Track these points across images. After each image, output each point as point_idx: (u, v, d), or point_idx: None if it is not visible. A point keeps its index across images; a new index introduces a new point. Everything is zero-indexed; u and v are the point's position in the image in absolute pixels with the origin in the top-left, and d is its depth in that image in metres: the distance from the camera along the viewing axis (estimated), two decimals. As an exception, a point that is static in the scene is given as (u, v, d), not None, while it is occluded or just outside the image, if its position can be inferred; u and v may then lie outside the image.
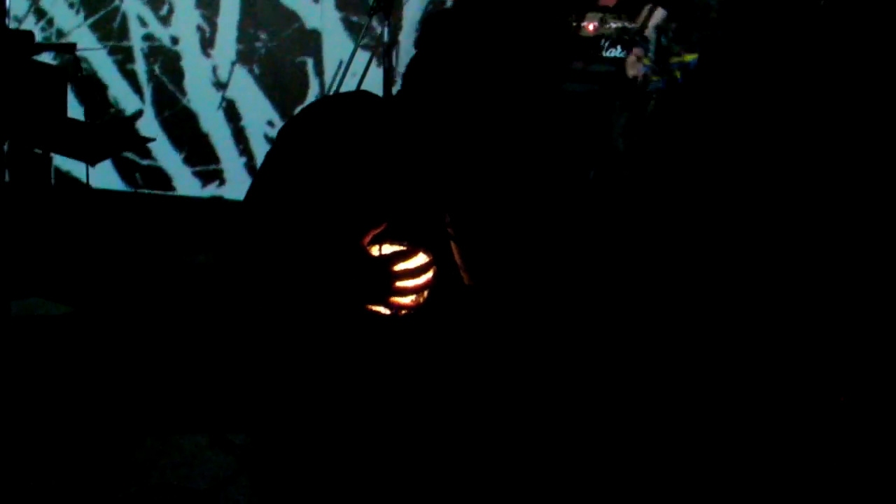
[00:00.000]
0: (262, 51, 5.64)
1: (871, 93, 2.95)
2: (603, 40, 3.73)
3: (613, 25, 3.68)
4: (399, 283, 2.28)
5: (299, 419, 2.84)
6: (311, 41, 5.57)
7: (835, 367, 2.83)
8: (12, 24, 5.41)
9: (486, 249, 2.58)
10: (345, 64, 4.89)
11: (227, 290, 2.55)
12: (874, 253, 2.90)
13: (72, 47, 4.34)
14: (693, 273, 3.08)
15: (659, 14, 3.53)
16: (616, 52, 3.93)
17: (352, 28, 5.34)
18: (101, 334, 3.63)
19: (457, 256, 2.55)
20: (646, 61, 3.47)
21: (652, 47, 3.46)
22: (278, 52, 5.62)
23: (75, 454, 2.79)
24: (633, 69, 3.54)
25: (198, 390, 3.18)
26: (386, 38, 4.07)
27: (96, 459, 2.78)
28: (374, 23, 4.16)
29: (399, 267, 2.28)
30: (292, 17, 5.58)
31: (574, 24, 3.82)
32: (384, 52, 4.06)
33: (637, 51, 3.57)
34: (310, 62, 5.62)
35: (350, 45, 5.36)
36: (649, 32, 3.53)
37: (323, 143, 2.36)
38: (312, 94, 5.64)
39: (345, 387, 2.56)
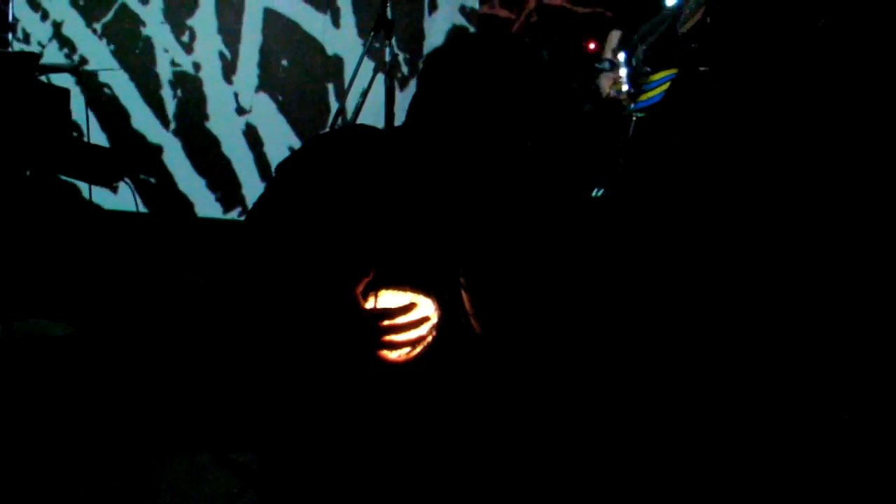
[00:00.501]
0: (284, 77, 5.66)
1: (867, 106, 2.91)
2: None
3: None
4: (389, 338, 2.22)
5: (302, 439, 2.81)
6: (332, 67, 5.60)
7: (835, 367, 2.78)
8: (35, 49, 5.48)
9: (499, 299, 2.54)
10: (363, 89, 4.92)
11: (220, 318, 2.54)
12: (874, 257, 2.86)
13: (76, 69, 4.36)
14: (698, 295, 3.04)
15: (614, 36, 3.53)
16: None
17: (372, 54, 5.36)
18: (104, 354, 3.62)
19: (468, 305, 2.50)
20: (617, 86, 3.45)
21: (624, 70, 3.44)
22: (300, 78, 5.65)
23: (77, 474, 2.77)
24: (610, 91, 3.51)
25: (199, 410, 3.16)
26: (387, 57, 4.06)
27: (98, 480, 2.76)
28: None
29: (391, 321, 2.21)
30: (313, 43, 5.60)
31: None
32: (386, 72, 4.05)
33: (606, 76, 3.55)
34: (331, 88, 5.64)
35: (370, 71, 5.40)
36: (611, 55, 3.52)
37: (313, 184, 2.28)
38: (331, 117, 5.64)
39: (345, 417, 2.55)
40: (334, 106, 5.63)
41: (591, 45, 3.92)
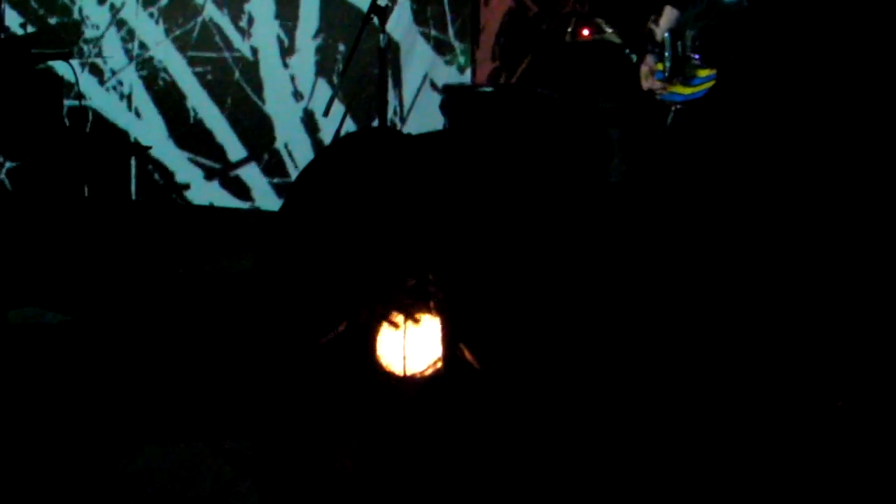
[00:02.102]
0: (341, 62, 5.62)
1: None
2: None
3: (609, 30, 3.50)
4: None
5: (298, 427, 2.78)
6: (389, 53, 5.53)
7: (835, 367, 2.68)
8: (90, 33, 5.55)
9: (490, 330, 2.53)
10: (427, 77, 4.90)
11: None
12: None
13: (68, 55, 4.38)
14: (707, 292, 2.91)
15: (670, 14, 3.29)
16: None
17: (429, 40, 5.30)
18: (99, 343, 3.64)
19: (468, 355, 2.51)
20: (659, 67, 3.23)
21: (668, 54, 3.21)
22: (356, 64, 5.60)
23: (73, 463, 2.78)
24: (647, 81, 3.31)
25: (195, 398, 3.15)
26: (382, 43, 4.01)
27: (94, 469, 2.76)
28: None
29: None
30: (370, 28, 5.55)
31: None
32: (379, 58, 3.99)
33: (649, 59, 3.33)
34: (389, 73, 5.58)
35: (428, 58, 5.34)
36: (660, 35, 3.29)
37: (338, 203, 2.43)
38: (390, 106, 5.59)
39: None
40: (392, 92, 5.58)
41: (585, 32, 3.76)
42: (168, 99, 5.71)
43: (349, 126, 5.68)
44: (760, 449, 2.53)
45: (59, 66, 4.55)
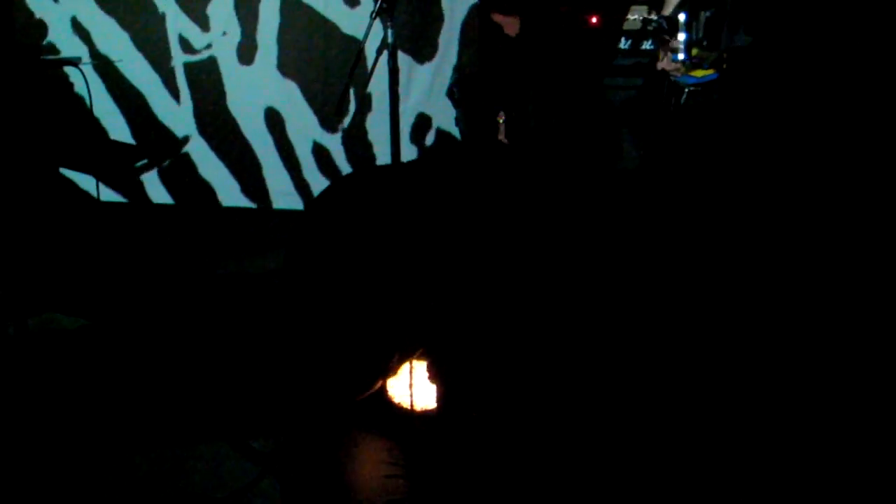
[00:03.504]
0: (302, 58, 5.64)
1: None
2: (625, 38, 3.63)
3: (632, 17, 3.57)
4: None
5: (318, 426, 2.87)
6: (349, 47, 5.57)
7: (835, 366, 2.77)
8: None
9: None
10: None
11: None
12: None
13: (76, 61, 4.37)
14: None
15: None
16: (648, 44, 3.83)
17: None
18: (119, 347, 3.66)
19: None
20: (674, 49, 3.30)
21: (683, 36, 3.29)
22: (317, 60, 5.63)
23: (97, 464, 2.81)
24: (662, 63, 3.40)
25: (217, 399, 3.19)
26: (390, 39, 4.03)
27: (120, 467, 2.80)
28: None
29: None
30: (329, 24, 5.58)
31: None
32: (389, 55, 4.02)
33: (673, 42, 3.40)
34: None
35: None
36: (671, 11, 3.36)
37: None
38: (352, 101, 5.62)
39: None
40: (351, 87, 5.60)
41: (594, 20, 3.83)
42: (129, 102, 5.67)
43: (314, 122, 5.71)
44: (761, 446, 2.62)
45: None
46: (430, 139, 5.45)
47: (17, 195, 3.52)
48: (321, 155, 5.71)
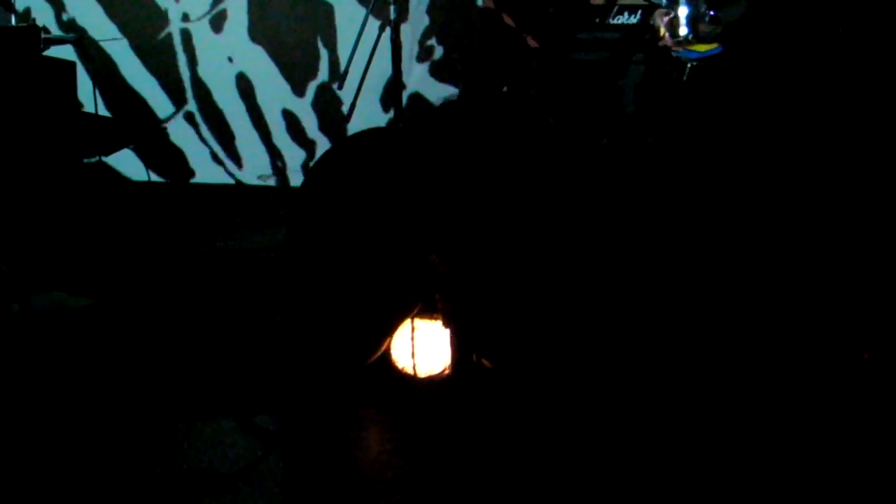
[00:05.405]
0: (274, 25, 5.61)
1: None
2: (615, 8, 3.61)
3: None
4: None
5: (324, 404, 2.93)
6: (322, 15, 5.55)
7: (835, 364, 2.82)
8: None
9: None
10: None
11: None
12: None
13: (79, 40, 4.33)
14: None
15: None
16: (624, 18, 3.84)
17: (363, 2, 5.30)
18: (125, 324, 3.67)
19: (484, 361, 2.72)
20: (677, 29, 3.27)
21: (685, 10, 3.24)
22: (289, 27, 5.60)
23: (104, 440, 2.84)
24: (664, 39, 3.31)
25: (223, 375, 3.24)
26: (393, 14, 4.03)
27: (125, 445, 2.83)
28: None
29: None
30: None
31: None
32: (392, 29, 4.02)
33: (667, 16, 3.33)
34: (319, 37, 5.60)
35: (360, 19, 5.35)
36: None
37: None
38: (323, 70, 5.61)
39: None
40: (323, 52, 5.59)
41: None
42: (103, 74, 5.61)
43: (286, 90, 5.70)
44: (761, 443, 2.64)
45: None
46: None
47: (20, 175, 3.50)
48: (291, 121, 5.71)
